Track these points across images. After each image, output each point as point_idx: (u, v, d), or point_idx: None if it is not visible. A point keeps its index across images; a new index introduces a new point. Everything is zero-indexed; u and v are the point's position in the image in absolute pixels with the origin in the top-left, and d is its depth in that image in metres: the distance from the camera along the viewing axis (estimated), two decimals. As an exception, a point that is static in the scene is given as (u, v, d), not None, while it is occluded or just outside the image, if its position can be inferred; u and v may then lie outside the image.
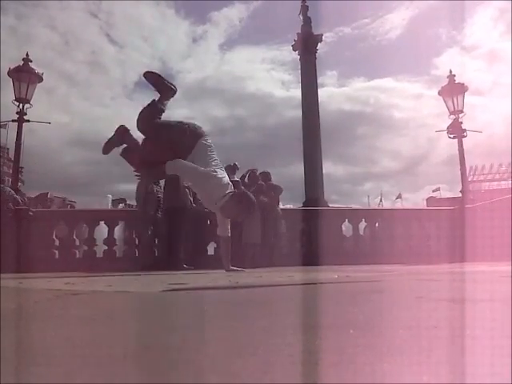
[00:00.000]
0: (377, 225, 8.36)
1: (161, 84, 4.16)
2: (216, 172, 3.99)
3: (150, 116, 4.10)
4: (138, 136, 4.27)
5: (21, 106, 8.11)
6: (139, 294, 2.16)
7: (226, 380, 0.60)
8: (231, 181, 7.07)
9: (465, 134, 8.89)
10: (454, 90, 9.05)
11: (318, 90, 10.88)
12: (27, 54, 8.35)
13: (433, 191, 38.21)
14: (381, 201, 36.56)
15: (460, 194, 9.39)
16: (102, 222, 7.49)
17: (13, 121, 8.24)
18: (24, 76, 8.18)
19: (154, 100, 4.16)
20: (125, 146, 4.25)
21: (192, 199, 6.29)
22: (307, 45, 10.55)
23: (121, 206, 13.82)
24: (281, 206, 7.56)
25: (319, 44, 10.85)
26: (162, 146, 4.01)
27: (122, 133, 4.25)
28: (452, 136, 8.95)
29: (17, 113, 8.11)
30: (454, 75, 9.19)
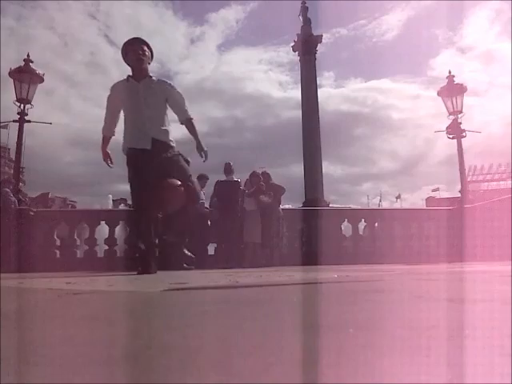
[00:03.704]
0: (376, 225, 8.37)
1: None
2: None
3: None
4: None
5: (22, 106, 8.12)
6: (140, 293, 2.17)
7: (225, 379, 0.60)
8: (230, 181, 7.05)
9: (464, 134, 8.90)
10: (453, 90, 9.06)
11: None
12: (28, 55, 8.35)
13: (432, 191, 38.31)
14: (380, 201, 36.62)
15: (459, 194, 9.41)
16: (102, 222, 7.50)
17: (14, 121, 8.26)
18: (25, 77, 8.18)
19: None
20: None
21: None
22: (307, 46, 10.54)
23: (122, 206, 13.79)
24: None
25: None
26: None
27: None
28: (451, 136, 8.96)
29: (18, 113, 8.13)
30: (454, 76, 9.20)
